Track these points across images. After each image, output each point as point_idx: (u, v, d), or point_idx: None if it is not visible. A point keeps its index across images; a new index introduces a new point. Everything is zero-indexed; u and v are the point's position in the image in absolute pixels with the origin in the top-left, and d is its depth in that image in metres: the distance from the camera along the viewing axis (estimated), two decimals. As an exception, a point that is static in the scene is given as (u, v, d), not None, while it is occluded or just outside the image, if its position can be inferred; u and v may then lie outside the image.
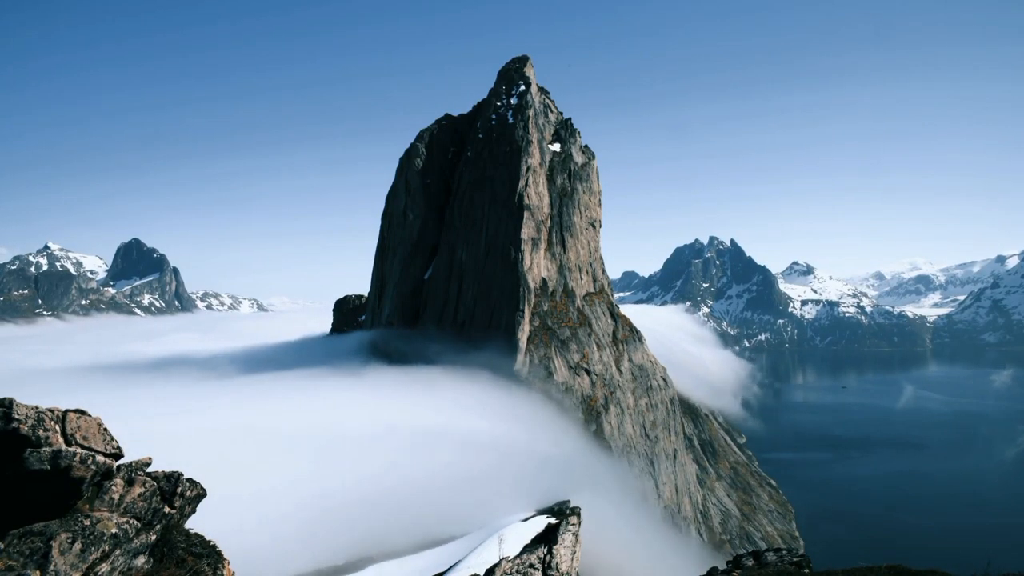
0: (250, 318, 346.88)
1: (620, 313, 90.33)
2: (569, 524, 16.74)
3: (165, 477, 9.12)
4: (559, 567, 15.17)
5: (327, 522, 38.58)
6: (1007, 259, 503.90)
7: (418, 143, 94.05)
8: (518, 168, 79.87)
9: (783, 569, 19.16)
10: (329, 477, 45.59)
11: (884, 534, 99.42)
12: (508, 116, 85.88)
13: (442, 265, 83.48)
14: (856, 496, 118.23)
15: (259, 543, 31.69)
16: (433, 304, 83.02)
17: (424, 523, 34.18)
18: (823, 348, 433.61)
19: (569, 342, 75.95)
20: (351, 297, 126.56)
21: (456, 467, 47.01)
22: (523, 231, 76.90)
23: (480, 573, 14.59)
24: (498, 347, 72.76)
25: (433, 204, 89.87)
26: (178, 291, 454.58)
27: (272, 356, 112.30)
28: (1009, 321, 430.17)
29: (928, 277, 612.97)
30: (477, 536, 19.87)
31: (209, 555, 9.37)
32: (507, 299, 75.19)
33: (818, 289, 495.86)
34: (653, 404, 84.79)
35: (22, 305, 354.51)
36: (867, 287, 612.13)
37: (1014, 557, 33.34)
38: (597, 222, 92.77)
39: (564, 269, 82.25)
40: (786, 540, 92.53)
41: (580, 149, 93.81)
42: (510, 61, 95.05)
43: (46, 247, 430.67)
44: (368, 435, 53.24)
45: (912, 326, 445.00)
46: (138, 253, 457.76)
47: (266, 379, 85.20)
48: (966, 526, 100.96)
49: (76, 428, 8.01)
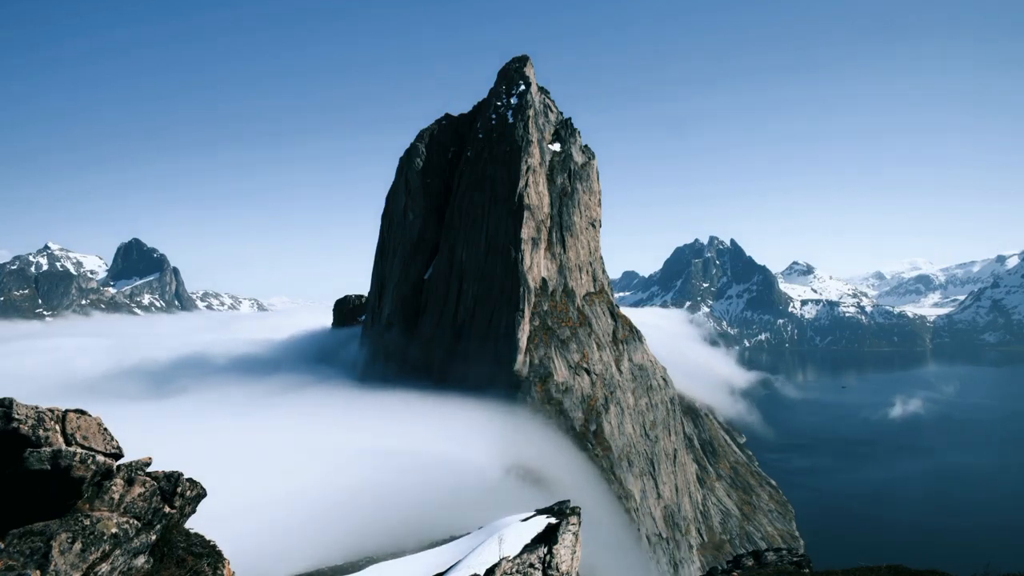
0: (252, 318, 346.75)
1: (620, 313, 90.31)
2: (569, 524, 16.74)
3: (165, 477, 9.12)
4: (559, 567, 15.17)
5: (327, 522, 38.63)
6: (1007, 259, 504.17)
7: (418, 143, 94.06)
8: (518, 168, 79.84)
9: (783, 569, 19.17)
10: (329, 477, 45.70)
11: (884, 534, 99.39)
12: (508, 116, 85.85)
13: (442, 265, 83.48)
14: (856, 496, 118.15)
15: (259, 543, 31.71)
16: (433, 304, 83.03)
17: (424, 523, 34.25)
18: (823, 348, 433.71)
19: (569, 342, 75.94)
20: (351, 297, 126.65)
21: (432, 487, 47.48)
22: (523, 231, 76.88)
23: (480, 573, 14.59)
24: (497, 349, 72.87)
25: (433, 204, 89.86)
26: (178, 291, 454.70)
27: (282, 359, 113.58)
28: (1009, 321, 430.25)
29: (928, 277, 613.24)
30: (477, 536, 19.89)
31: (209, 555, 9.37)
32: (507, 299, 75.19)
33: (818, 289, 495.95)
34: (653, 404, 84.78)
35: (22, 305, 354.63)
36: (867, 287, 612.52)
37: (1014, 557, 33.33)
38: (597, 222, 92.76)
39: (564, 269, 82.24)
40: (786, 540, 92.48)
41: (580, 149, 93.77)
42: (510, 61, 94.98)
43: (46, 247, 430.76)
44: (368, 447, 53.76)
45: (912, 326, 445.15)
46: (138, 253, 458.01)
47: (275, 387, 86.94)
48: (966, 526, 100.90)
49: (76, 428, 8.01)
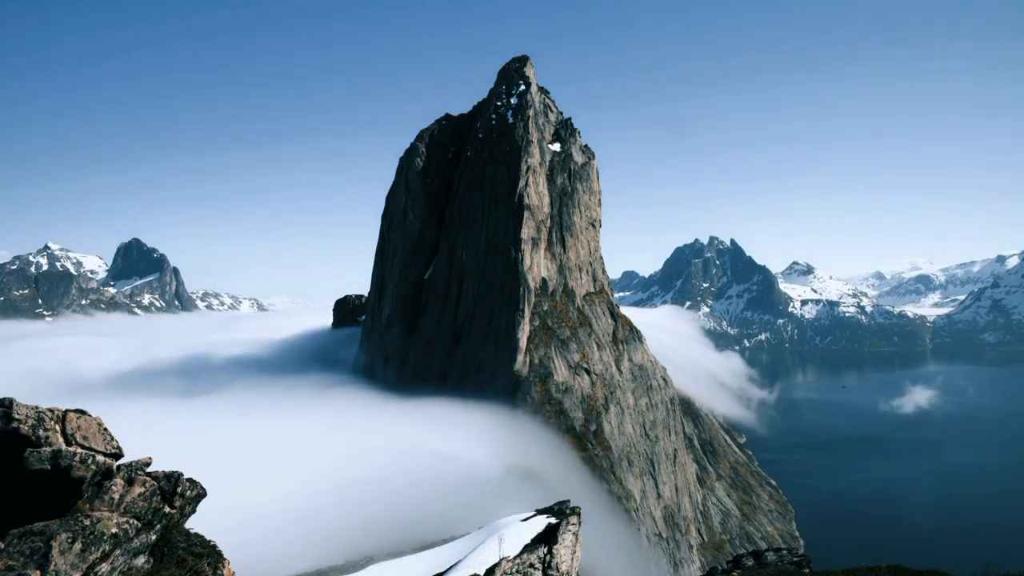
0: (252, 318, 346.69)
1: (620, 313, 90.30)
2: (569, 524, 16.74)
3: (165, 477, 9.11)
4: (559, 567, 15.16)
5: (327, 522, 38.64)
6: (1007, 259, 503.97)
7: (418, 143, 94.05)
8: (518, 168, 79.82)
9: (783, 569, 19.16)
10: (329, 477, 45.71)
11: (884, 534, 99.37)
12: (508, 116, 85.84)
13: (442, 265, 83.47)
14: (856, 496, 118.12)
15: (259, 543, 31.72)
16: (433, 304, 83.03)
17: (424, 523, 34.28)
18: (823, 348, 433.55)
19: (569, 342, 75.93)
20: (351, 297, 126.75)
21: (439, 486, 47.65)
22: (523, 231, 76.87)
23: (480, 573, 14.59)
24: (497, 349, 72.89)
25: (433, 204, 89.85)
26: (178, 291, 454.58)
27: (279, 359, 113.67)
28: (1009, 321, 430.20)
29: (928, 277, 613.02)
30: (477, 536, 19.89)
31: (209, 555, 9.36)
32: (507, 299, 75.18)
33: (818, 289, 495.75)
34: (653, 404, 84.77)
35: (22, 305, 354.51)
36: (867, 287, 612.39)
37: (1014, 557, 33.34)
38: (597, 222, 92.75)
39: (564, 269, 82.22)
40: (786, 540, 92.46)
41: (580, 149, 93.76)
42: (510, 61, 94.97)
43: (46, 247, 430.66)
44: (369, 447, 53.81)
45: (912, 326, 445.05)
46: (138, 253, 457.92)
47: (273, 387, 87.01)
48: (966, 526, 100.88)
49: (76, 428, 8.01)
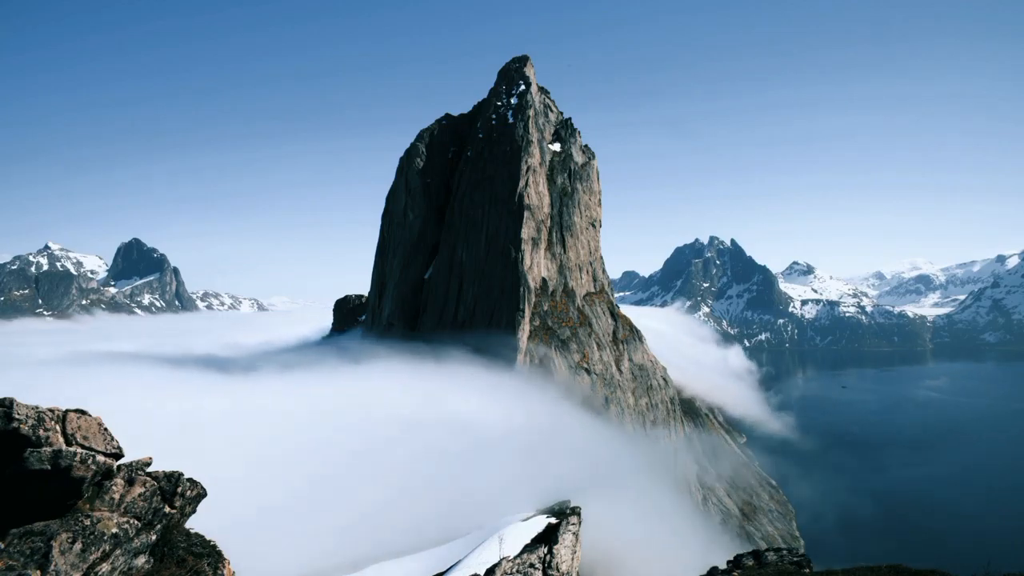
0: (252, 317, 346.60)
1: (620, 313, 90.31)
2: (569, 524, 16.75)
3: (165, 477, 9.12)
4: (559, 567, 15.16)
5: (327, 522, 38.60)
6: (1007, 259, 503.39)
7: (418, 143, 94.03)
8: (518, 168, 79.84)
9: (783, 569, 19.14)
10: (329, 478, 45.61)
11: (884, 534, 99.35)
12: (508, 116, 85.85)
13: (442, 265, 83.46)
14: (856, 496, 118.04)
15: (259, 543, 31.70)
16: (433, 304, 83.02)
17: (424, 523, 34.26)
18: (823, 348, 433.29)
19: (569, 342, 75.93)
20: (351, 297, 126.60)
21: (458, 461, 47.10)
22: (523, 231, 76.88)
23: (480, 573, 14.59)
24: (498, 346, 72.81)
25: (433, 204, 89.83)
26: (178, 291, 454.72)
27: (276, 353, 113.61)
28: (1009, 321, 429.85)
29: (928, 277, 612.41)
30: (477, 536, 19.87)
31: (209, 555, 9.36)
32: (507, 299, 75.19)
33: (818, 289, 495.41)
34: (653, 404, 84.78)
35: (22, 305, 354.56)
36: (867, 287, 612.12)
37: (1014, 557, 33.34)
38: (597, 222, 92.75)
39: (564, 269, 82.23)
40: (786, 540, 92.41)
41: (580, 149, 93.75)
42: (510, 61, 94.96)
43: (46, 247, 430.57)
44: (371, 434, 53.34)
45: (912, 326, 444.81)
46: (138, 253, 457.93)
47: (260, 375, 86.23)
48: (966, 526, 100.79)
49: (76, 428, 8.01)
